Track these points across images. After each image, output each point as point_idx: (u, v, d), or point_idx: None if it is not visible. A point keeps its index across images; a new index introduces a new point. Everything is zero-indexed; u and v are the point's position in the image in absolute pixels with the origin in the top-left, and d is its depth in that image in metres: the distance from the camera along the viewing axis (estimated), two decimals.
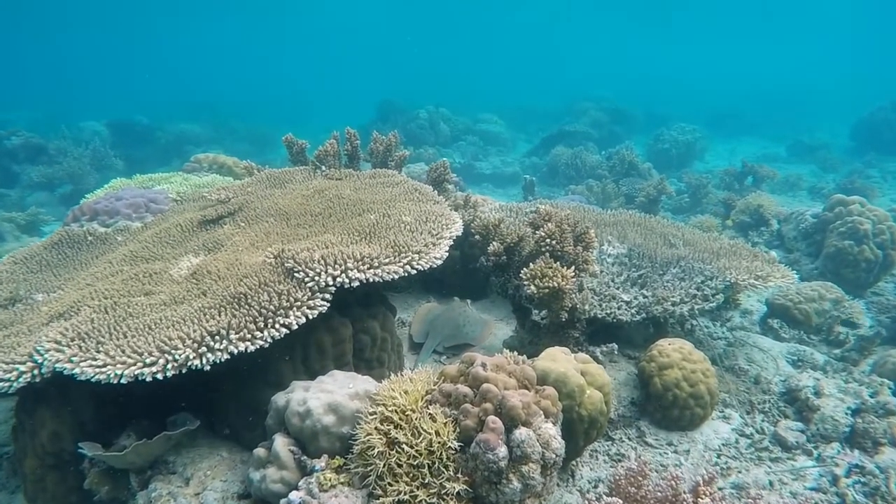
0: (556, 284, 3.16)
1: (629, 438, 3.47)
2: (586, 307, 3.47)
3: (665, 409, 3.48)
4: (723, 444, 3.39)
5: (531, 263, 3.41)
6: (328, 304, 2.78)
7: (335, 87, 36.58)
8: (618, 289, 4.22)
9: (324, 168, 4.48)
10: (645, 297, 4.10)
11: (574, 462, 3.10)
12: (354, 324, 3.05)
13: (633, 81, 31.11)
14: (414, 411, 2.41)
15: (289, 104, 27.54)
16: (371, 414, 2.44)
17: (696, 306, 3.98)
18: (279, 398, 2.63)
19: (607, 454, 3.33)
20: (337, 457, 2.47)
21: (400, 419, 2.38)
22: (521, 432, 2.22)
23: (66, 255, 3.98)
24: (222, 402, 2.95)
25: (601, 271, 4.40)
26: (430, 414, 2.37)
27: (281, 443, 2.50)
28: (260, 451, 2.54)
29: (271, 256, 3.01)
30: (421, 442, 2.27)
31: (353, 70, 45.16)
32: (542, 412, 2.36)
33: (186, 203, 4.55)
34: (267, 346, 2.60)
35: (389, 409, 2.41)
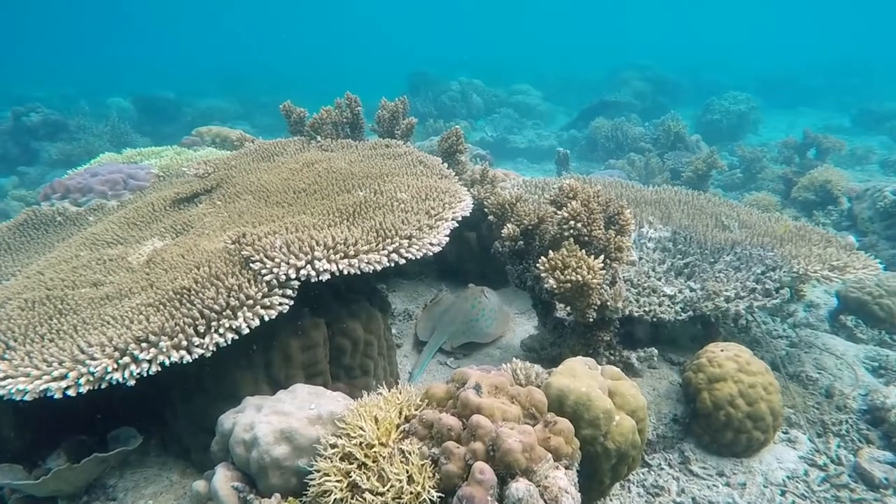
0: (580, 278, 2.54)
1: (670, 465, 2.85)
2: (620, 304, 2.84)
3: (716, 431, 2.84)
4: (788, 477, 2.73)
5: (552, 251, 2.80)
6: (292, 302, 2.25)
7: (370, 58, 35.82)
8: (659, 279, 3.56)
9: (319, 138, 3.93)
10: (692, 290, 3.43)
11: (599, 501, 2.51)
12: (331, 324, 2.52)
13: (679, 48, 29.28)
14: (385, 445, 1.86)
15: (322, 77, 27.02)
16: (331, 446, 1.91)
17: (756, 303, 3.29)
18: (226, 419, 2.12)
19: (642, 485, 2.74)
20: (290, 498, 1.96)
21: (365, 456, 1.84)
22: (519, 486, 1.64)
23: (31, 237, 3.57)
24: (171, 415, 2.47)
25: (640, 258, 3.74)
26: (403, 451, 1.82)
27: (222, 477, 2.00)
28: (199, 485, 2.06)
29: (230, 242, 2.48)
30: (388, 490, 1.72)
31: (387, 41, 44.23)
32: (550, 455, 1.77)
33: (169, 179, 4.09)
34: (209, 355, 2.08)
35: (353, 442, 1.87)
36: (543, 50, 33.76)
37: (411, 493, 1.70)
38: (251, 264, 2.28)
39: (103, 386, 1.96)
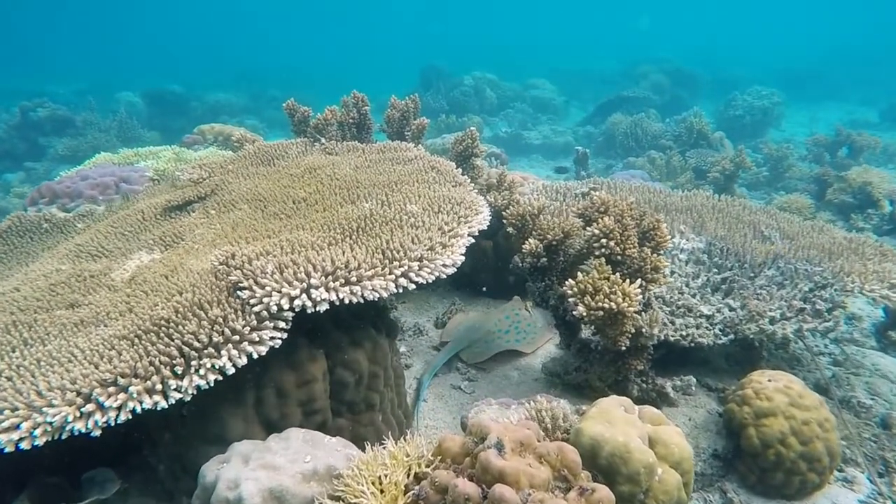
0: (614, 306, 2.23)
1: None
2: (656, 331, 2.52)
3: (764, 471, 2.53)
4: None
5: (579, 271, 2.49)
6: (285, 335, 1.97)
7: (381, 52, 35.41)
8: (694, 296, 3.23)
9: (323, 140, 3.64)
10: (732, 309, 3.11)
11: None
12: (331, 355, 2.23)
13: (698, 41, 28.61)
14: None
15: (333, 71, 26.66)
16: None
17: (805, 325, 2.96)
18: (208, 471, 1.84)
19: None
20: None
21: None
22: None
23: (14, 246, 3.33)
24: (152, 454, 2.20)
25: (672, 272, 3.41)
26: None
27: None
28: None
29: (218, 262, 2.20)
30: None
31: (400, 35, 43.74)
32: None
33: (164, 183, 3.82)
34: (189, 399, 1.81)
35: None
36: (558, 43, 33.16)
37: None
38: (239, 291, 2.00)
39: (63, 437, 1.69)
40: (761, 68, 21.28)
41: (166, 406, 1.76)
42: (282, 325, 1.94)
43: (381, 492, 1.61)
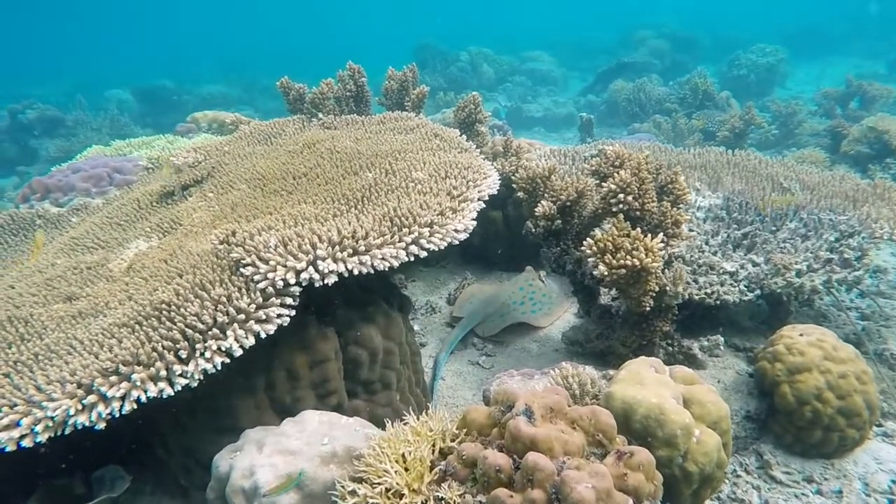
0: (636, 262, 2.11)
1: (747, 471, 2.45)
2: (680, 289, 2.40)
3: (800, 429, 2.43)
4: (894, 482, 2.31)
5: (597, 229, 2.36)
6: (293, 312, 1.86)
7: (373, 35, 34.77)
8: (715, 254, 3.10)
9: (320, 116, 3.50)
10: (755, 264, 2.98)
11: None
12: (343, 333, 2.12)
13: (694, 2, 27.94)
14: (417, 493, 1.48)
15: (325, 56, 26.26)
16: (350, 494, 1.53)
17: (835, 276, 2.83)
18: (221, 460, 1.75)
19: (717, 498, 2.34)
20: None
21: None
22: None
23: (8, 245, 3.23)
24: (163, 448, 2.11)
25: (690, 230, 3.28)
26: (441, 501, 1.43)
27: None
28: None
29: (218, 241, 2.09)
30: None
31: (391, 14, 42.97)
32: (631, 500, 1.37)
33: (158, 170, 3.70)
34: (196, 384, 1.71)
35: (376, 490, 1.49)
36: (553, 12, 32.49)
37: None
38: (242, 268, 1.89)
39: (67, 431, 1.59)
40: (761, 27, 20.78)
41: (172, 393, 1.66)
42: (289, 301, 1.84)
43: (406, 469, 1.51)
